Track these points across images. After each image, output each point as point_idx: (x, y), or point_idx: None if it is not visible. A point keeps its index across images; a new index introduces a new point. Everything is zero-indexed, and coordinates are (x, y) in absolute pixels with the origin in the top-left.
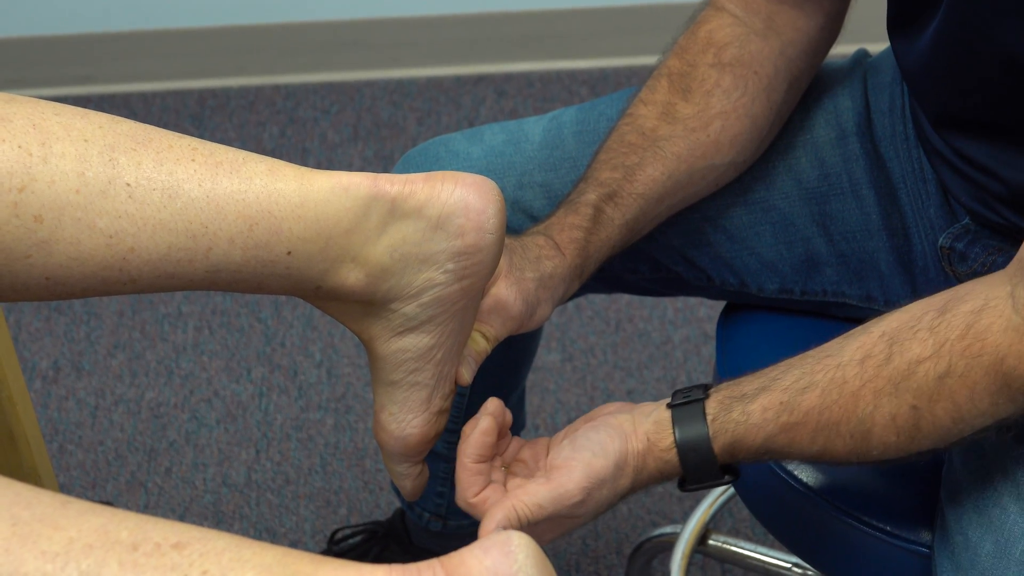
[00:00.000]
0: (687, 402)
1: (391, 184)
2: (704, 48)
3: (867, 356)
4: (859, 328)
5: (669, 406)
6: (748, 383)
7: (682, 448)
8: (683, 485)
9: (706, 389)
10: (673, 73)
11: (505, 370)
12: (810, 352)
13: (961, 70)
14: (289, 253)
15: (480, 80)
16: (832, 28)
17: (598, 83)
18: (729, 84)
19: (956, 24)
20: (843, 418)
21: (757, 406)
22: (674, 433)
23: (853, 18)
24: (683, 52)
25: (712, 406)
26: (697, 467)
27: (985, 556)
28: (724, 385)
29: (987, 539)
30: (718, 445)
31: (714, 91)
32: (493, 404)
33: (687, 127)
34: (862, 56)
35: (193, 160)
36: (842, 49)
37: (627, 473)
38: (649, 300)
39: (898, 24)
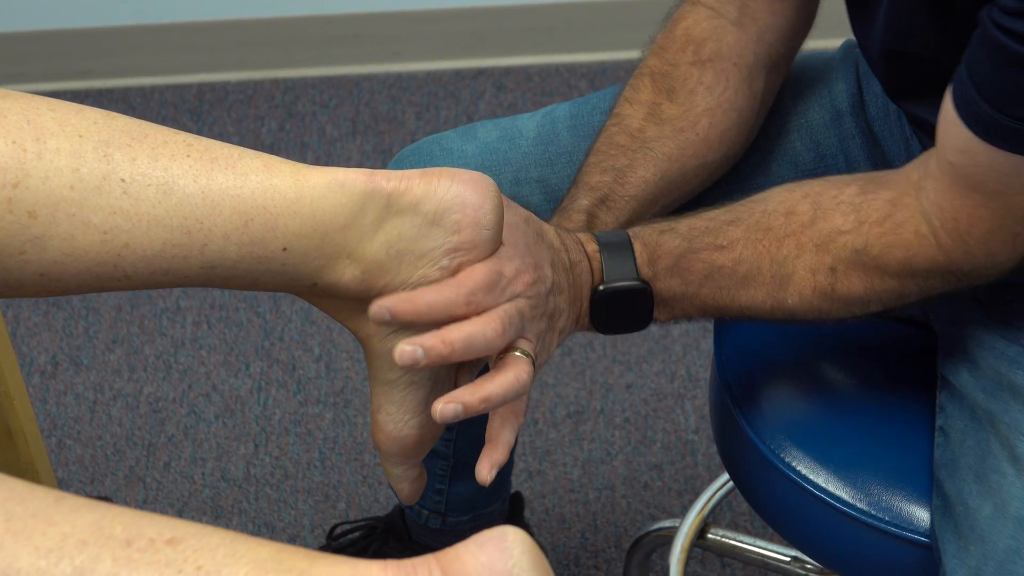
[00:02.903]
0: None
1: (387, 180)
2: (683, 46)
3: (791, 212)
4: (778, 187)
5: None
6: (675, 217)
7: (602, 240)
8: (603, 321)
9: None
10: (655, 72)
11: None
12: (733, 201)
13: (904, 35)
14: (285, 249)
15: (479, 74)
16: (810, 7)
17: (596, 77)
18: (711, 80)
19: None
20: (765, 254)
21: (683, 225)
22: (596, 239)
23: (839, 11)
24: (663, 51)
25: (636, 230)
26: (614, 260)
27: (984, 519)
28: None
29: (986, 504)
30: (638, 243)
31: (697, 89)
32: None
33: (675, 127)
34: (852, 44)
35: (188, 156)
36: (833, 43)
37: (539, 222)
38: None
39: (854, 10)
